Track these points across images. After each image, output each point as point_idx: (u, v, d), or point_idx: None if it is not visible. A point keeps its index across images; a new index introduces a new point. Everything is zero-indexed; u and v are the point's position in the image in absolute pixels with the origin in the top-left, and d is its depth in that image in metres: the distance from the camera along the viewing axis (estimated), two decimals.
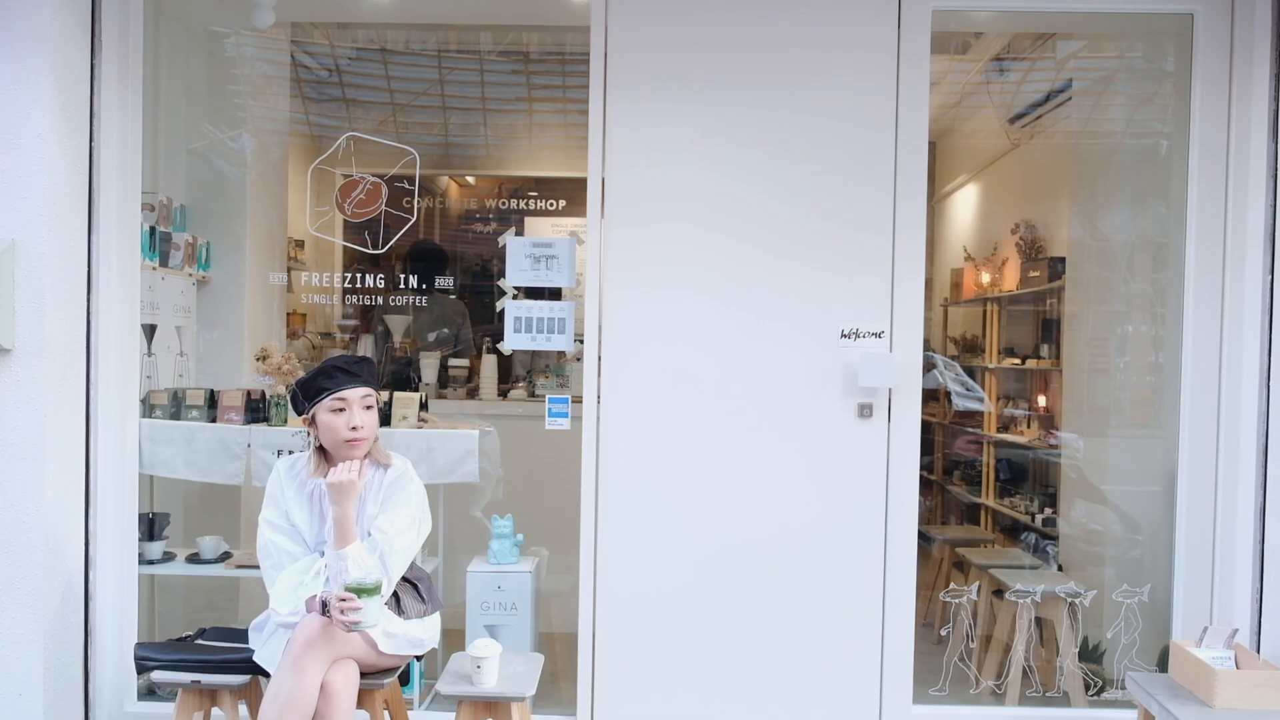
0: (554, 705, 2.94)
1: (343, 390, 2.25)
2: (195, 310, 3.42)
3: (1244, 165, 2.70)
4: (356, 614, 2.08)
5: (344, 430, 2.24)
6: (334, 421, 2.25)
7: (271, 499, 2.35)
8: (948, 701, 2.91)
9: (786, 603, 2.80)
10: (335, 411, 2.25)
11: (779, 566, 2.80)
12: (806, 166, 2.79)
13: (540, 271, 2.85)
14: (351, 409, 2.25)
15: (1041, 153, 3.95)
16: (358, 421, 2.25)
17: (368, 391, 2.29)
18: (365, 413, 2.28)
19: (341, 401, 2.25)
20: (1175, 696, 2.40)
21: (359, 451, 2.27)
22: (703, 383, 2.79)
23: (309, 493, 2.34)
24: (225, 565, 3.03)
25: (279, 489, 2.35)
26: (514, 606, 2.89)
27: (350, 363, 2.28)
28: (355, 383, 2.26)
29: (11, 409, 2.52)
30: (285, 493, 2.35)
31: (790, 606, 2.79)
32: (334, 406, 2.25)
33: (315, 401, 2.27)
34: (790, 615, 2.79)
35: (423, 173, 3.05)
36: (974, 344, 4.44)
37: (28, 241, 2.51)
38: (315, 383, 2.26)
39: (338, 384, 2.25)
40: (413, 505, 2.34)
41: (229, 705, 2.41)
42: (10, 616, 2.54)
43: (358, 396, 2.26)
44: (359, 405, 2.26)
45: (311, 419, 2.29)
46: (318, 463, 2.32)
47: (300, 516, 2.33)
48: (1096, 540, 3.23)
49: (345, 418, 2.24)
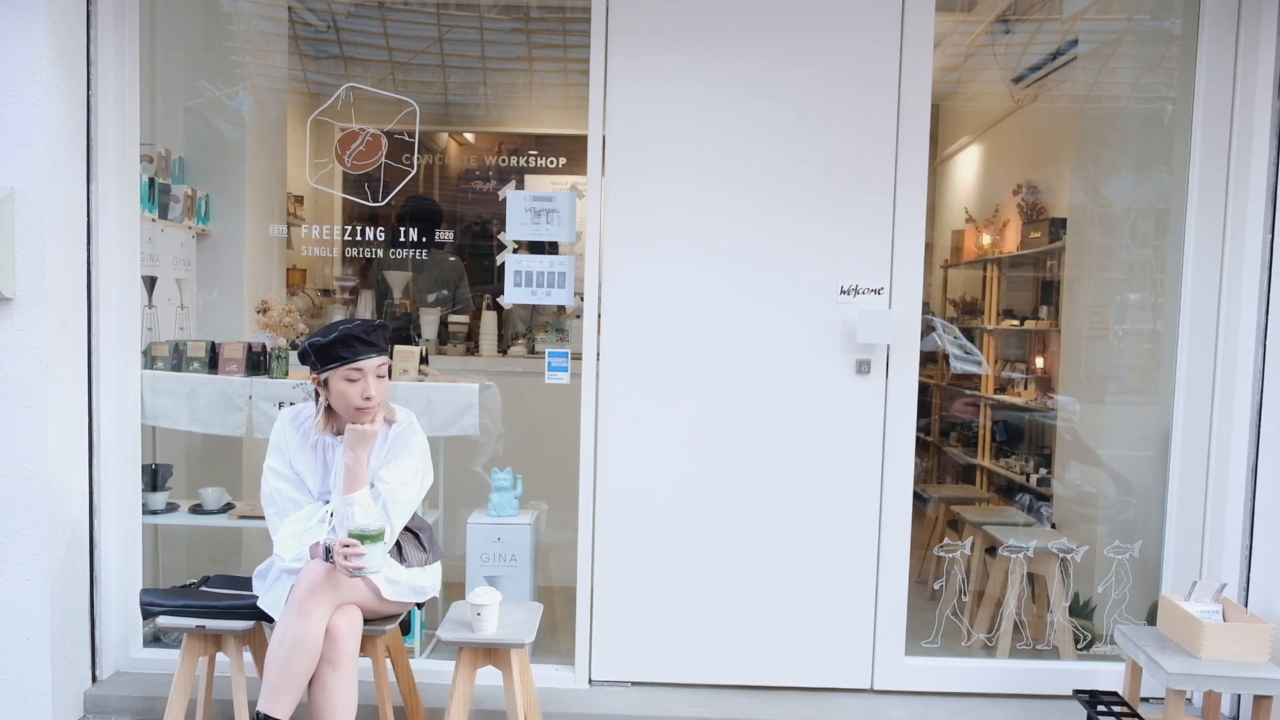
0: (552, 654, 2.99)
1: (359, 360, 2.23)
2: (195, 263, 3.42)
3: (1248, 129, 2.69)
4: (360, 559, 2.11)
5: (357, 399, 2.24)
6: (348, 390, 2.24)
7: (276, 448, 2.37)
8: (939, 654, 2.96)
9: (782, 556, 2.83)
10: (350, 381, 2.24)
11: (776, 520, 2.83)
12: (808, 123, 2.77)
13: (540, 225, 2.85)
14: (366, 379, 2.25)
15: (1045, 116, 3.92)
16: (372, 391, 2.25)
17: (383, 361, 2.29)
18: (378, 381, 2.27)
19: (358, 372, 2.24)
20: (1163, 648, 2.44)
21: (368, 418, 2.27)
22: (702, 338, 2.81)
23: (313, 444, 2.36)
24: (228, 516, 3.06)
25: (284, 439, 2.37)
26: (513, 558, 2.93)
27: (368, 331, 2.26)
28: (372, 352, 2.25)
29: (13, 358, 2.53)
30: (289, 442, 2.36)
31: (786, 560, 2.83)
32: (349, 376, 2.24)
33: (329, 368, 2.25)
34: (786, 568, 2.83)
35: (422, 129, 3.03)
36: (973, 306, 4.45)
37: (27, 190, 2.51)
38: (332, 349, 2.24)
39: (355, 354, 2.23)
40: (415, 457, 2.37)
41: (234, 650, 2.45)
42: (16, 563, 2.57)
43: (373, 366, 2.26)
44: (373, 375, 2.26)
45: (324, 381, 2.29)
46: (325, 421, 2.34)
47: (304, 466, 2.36)
48: (1090, 501, 3.26)
49: (359, 387, 2.24)
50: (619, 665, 2.88)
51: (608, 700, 2.78)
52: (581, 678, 2.87)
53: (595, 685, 2.88)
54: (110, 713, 2.76)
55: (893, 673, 2.86)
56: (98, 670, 2.82)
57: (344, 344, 2.23)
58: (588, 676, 2.87)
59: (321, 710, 2.13)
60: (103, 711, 2.76)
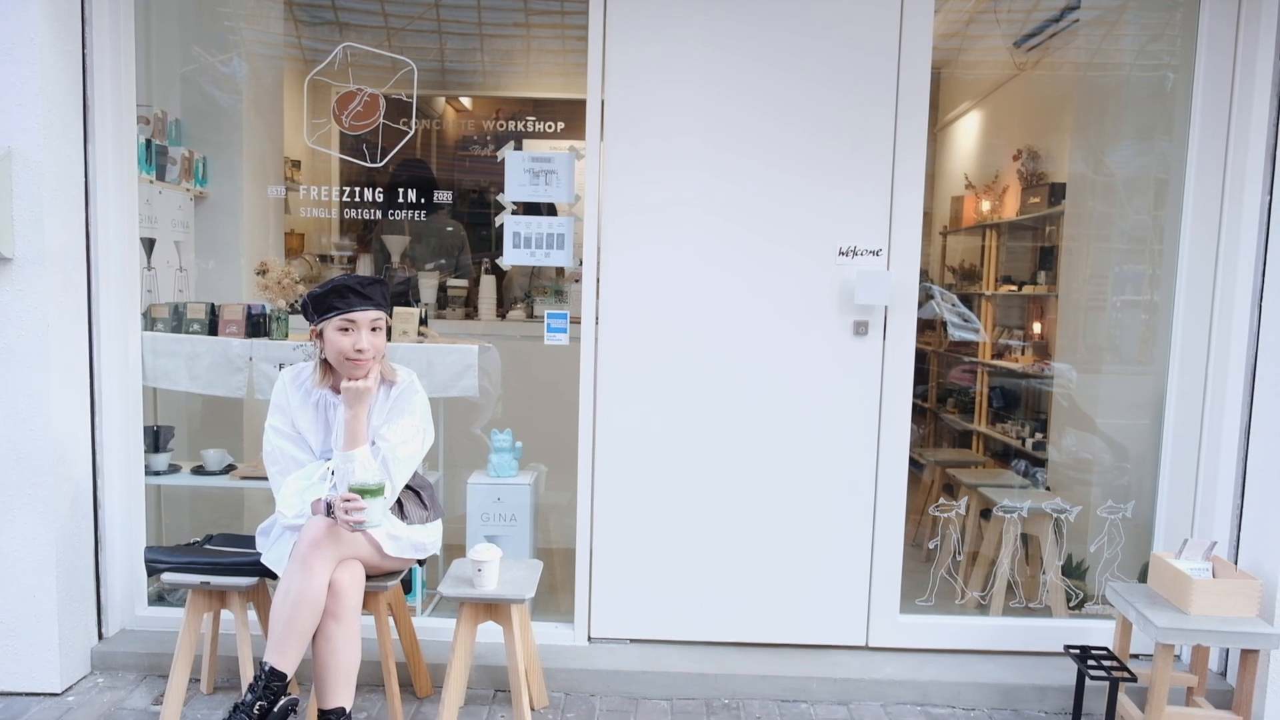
0: (552, 613, 3.03)
1: (352, 312, 2.25)
2: (194, 226, 3.42)
3: (1248, 94, 2.68)
4: (360, 514, 2.14)
5: (349, 350, 2.26)
6: (340, 340, 2.26)
7: (277, 407, 2.39)
8: (934, 612, 3.00)
9: (780, 516, 2.87)
10: (342, 331, 2.26)
11: (774, 481, 2.86)
12: (808, 85, 2.76)
13: (539, 187, 2.84)
14: (359, 331, 2.26)
15: (1047, 83, 3.90)
16: (363, 344, 2.26)
17: (377, 315, 2.29)
18: (372, 335, 2.28)
19: (350, 323, 2.26)
20: (1153, 604, 2.48)
21: (360, 371, 2.28)
22: (701, 300, 2.82)
23: (314, 402, 2.38)
24: (230, 477, 3.08)
25: (285, 398, 2.38)
26: (513, 518, 2.96)
27: (363, 284, 2.27)
28: (365, 305, 2.26)
29: (14, 318, 2.54)
30: (291, 401, 2.38)
31: (784, 519, 2.87)
32: (341, 326, 2.26)
33: (324, 318, 2.27)
34: (783, 528, 2.87)
35: (420, 94, 3.02)
36: (972, 272, 4.46)
37: (24, 150, 2.50)
38: (326, 299, 2.26)
39: (348, 305, 2.25)
40: (416, 416, 2.39)
41: (238, 607, 2.49)
42: (22, 522, 2.60)
43: (366, 319, 2.27)
44: (366, 328, 2.27)
45: (319, 332, 2.31)
46: (323, 374, 2.36)
47: (306, 424, 2.37)
48: (1085, 467, 3.29)
49: (351, 339, 2.26)
50: (618, 623, 2.92)
51: (607, 656, 2.83)
52: (581, 635, 2.91)
53: (595, 642, 2.92)
54: (117, 669, 2.80)
55: (888, 630, 2.90)
56: (104, 628, 2.86)
57: (338, 294, 2.25)
58: (587, 634, 2.91)
59: (326, 662, 2.17)
60: (110, 668, 2.80)
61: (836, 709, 2.70)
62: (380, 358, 2.35)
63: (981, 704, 2.72)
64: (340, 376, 2.32)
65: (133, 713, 2.58)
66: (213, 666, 2.70)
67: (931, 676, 2.75)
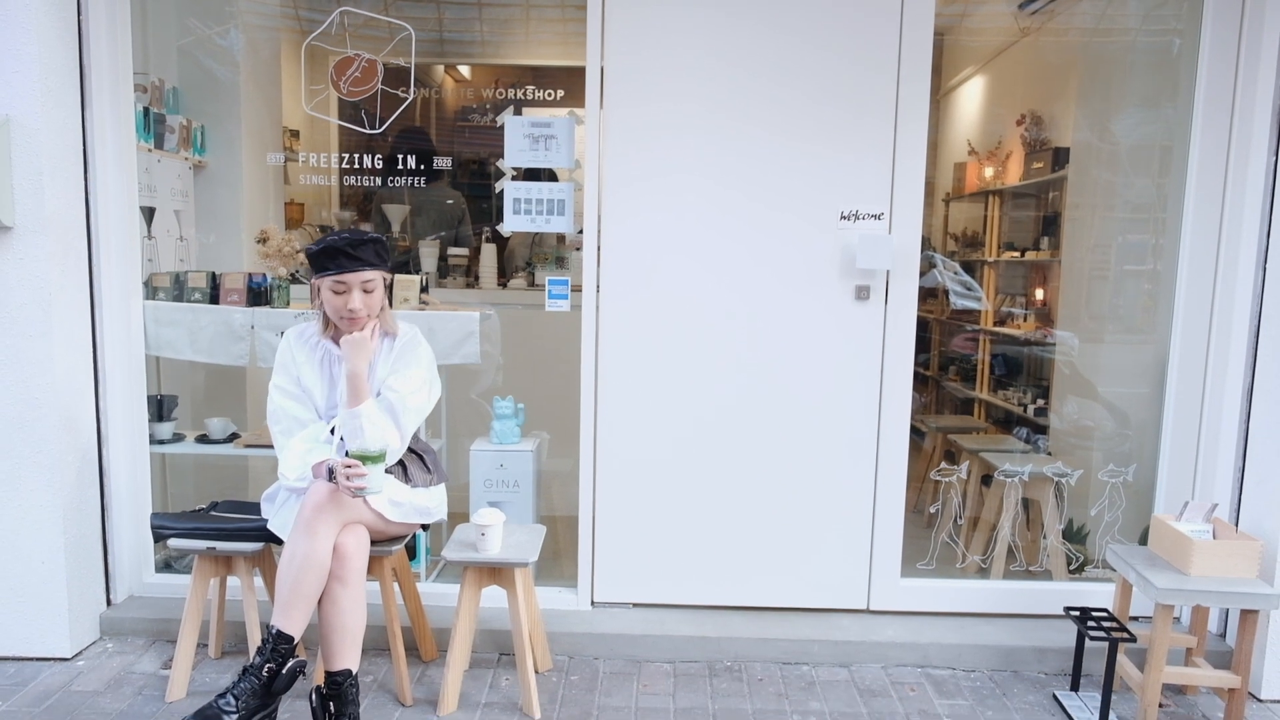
0: (555, 579, 3.06)
1: (343, 274, 2.26)
2: (193, 195, 3.41)
3: (1254, 58, 2.65)
4: (361, 480, 2.15)
5: (342, 310, 2.29)
6: (334, 300, 2.29)
7: (281, 365, 2.40)
8: (934, 575, 3.02)
9: (782, 481, 2.88)
10: (335, 292, 2.28)
11: (776, 446, 2.87)
12: (809, 49, 2.74)
13: (539, 152, 2.83)
14: (351, 292, 2.28)
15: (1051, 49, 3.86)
16: (355, 304, 2.28)
17: (369, 276, 2.29)
18: (365, 295, 2.29)
19: (342, 285, 2.28)
20: (1153, 566, 2.50)
21: (355, 328, 2.31)
22: (702, 266, 2.81)
23: (319, 358, 2.40)
24: (234, 445, 3.10)
25: (289, 356, 2.40)
26: (516, 484, 2.98)
27: (354, 245, 2.27)
28: (356, 266, 2.27)
29: (16, 287, 2.55)
30: (296, 358, 2.39)
31: (785, 485, 2.88)
32: (334, 288, 2.28)
33: (319, 276, 2.30)
34: (785, 493, 2.88)
35: (418, 62, 2.99)
36: (974, 239, 4.44)
37: (22, 117, 2.49)
38: (320, 259, 2.28)
39: (339, 267, 2.26)
40: (423, 367, 2.41)
41: (244, 572, 2.51)
42: (29, 489, 2.61)
43: (358, 280, 2.28)
44: (358, 288, 2.28)
45: (318, 288, 2.33)
46: (325, 324, 2.39)
47: (311, 379, 2.39)
48: (1086, 434, 3.30)
49: (344, 300, 2.28)
50: (621, 587, 2.94)
51: (610, 620, 2.85)
52: (584, 600, 2.93)
53: (598, 607, 2.95)
54: (126, 634, 2.84)
55: (888, 593, 2.92)
56: (112, 595, 2.89)
57: (329, 255, 2.26)
58: (590, 598, 2.94)
59: (332, 625, 2.19)
60: (118, 633, 2.84)
61: (838, 671, 2.73)
62: (381, 312, 2.36)
63: (981, 665, 2.75)
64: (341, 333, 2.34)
65: (142, 676, 2.61)
66: (220, 631, 2.73)
67: (932, 639, 2.77)
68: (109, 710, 2.43)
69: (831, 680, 2.67)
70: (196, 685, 2.54)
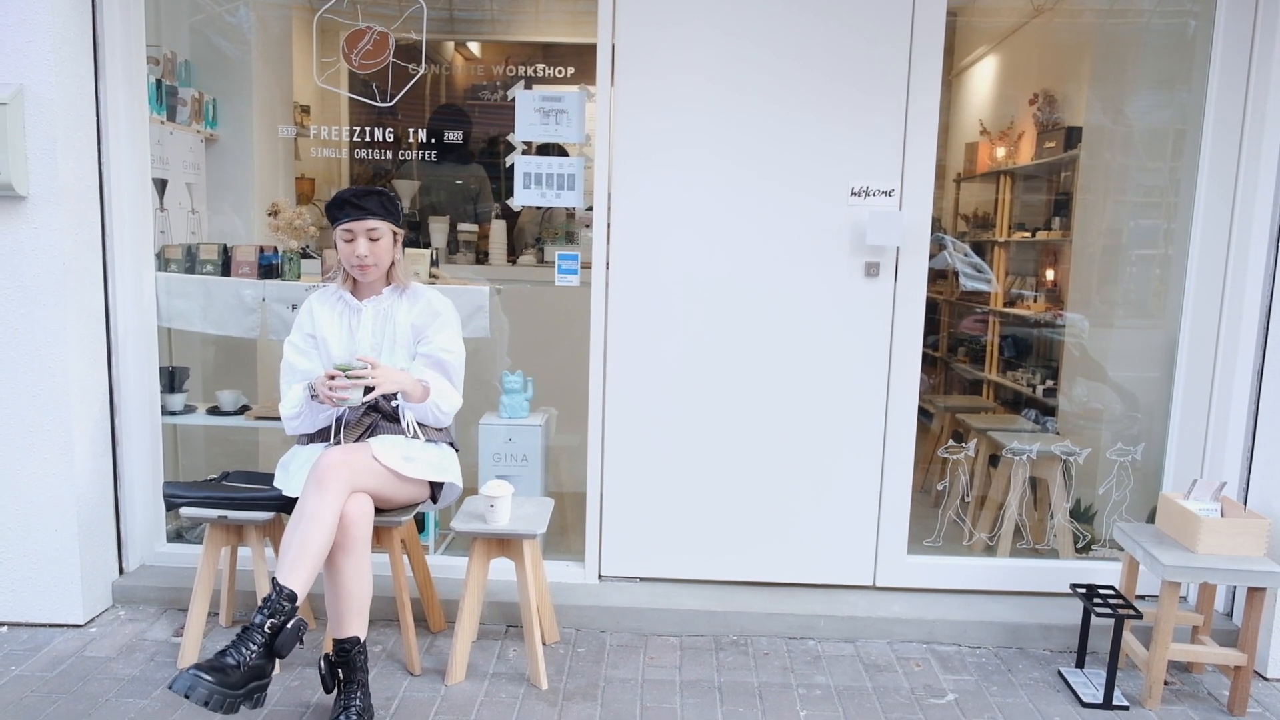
0: (563, 553, 3.08)
1: (349, 222, 2.40)
2: (205, 168, 3.42)
3: (1269, 41, 2.63)
4: (344, 391, 2.25)
5: (351, 257, 2.43)
6: (344, 248, 2.45)
7: (298, 324, 2.53)
8: (941, 553, 3.03)
9: (789, 457, 2.89)
10: (345, 240, 2.44)
11: (784, 422, 2.87)
12: (820, 23, 2.72)
13: (550, 126, 2.83)
14: (357, 240, 2.41)
15: (1065, 29, 3.83)
16: (362, 251, 2.41)
17: (373, 225, 2.41)
18: (372, 244, 2.42)
19: (349, 233, 2.42)
20: (1160, 543, 2.50)
21: (368, 276, 2.46)
22: (711, 241, 2.81)
23: (339, 312, 2.52)
24: (245, 417, 3.12)
25: (308, 314, 2.53)
26: (525, 458, 2.99)
27: (359, 195, 2.41)
28: (360, 215, 2.40)
29: (31, 256, 2.56)
30: (316, 315, 2.51)
31: (793, 460, 2.89)
32: (343, 235, 2.43)
33: (334, 225, 2.45)
34: (792, 469, 2.89)
35: (429, 38, 2.99)
36: (985, 220, 4.42)
37: (36, 88, 2.50)
38: (331, 209, 2.44)
39: (345, 215, 2.41)
40: (459, 324, 2.58)
41: (255, 541, 2.53)
42: (42, 458, 2.64)
43: (363, 228, 2.41)
44: (364, 236, 2.42)
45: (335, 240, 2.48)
46: (344, 276, 2.52)
47: (330, 329, 2.50)
48: (1095, 416, 3.29)
49: (352, 247, 2.42)
50: (628, 562, 2.96)
51: (617, 594, 2.87)
52: (591, 573, 2.95)
53: (605, 580, 2.96)
54: (138, 602, 2.87)
55: (895, 570, 2.93)
56: (124, 563, 2.92)
57: (338, 205, 2.43)
58: (598, 572, 2.96)
59: (339, 593, 2.20)
60: (131, 601, 2.87)
61: (844, 646, 2.74)
62: (392, 266, 2.50)
63: (987, 642, 2.76)
64: (359, 283, 2.50)
65: (154, 643, 2.64)
66: (231, 600, 2.76)
67: (938, 615, 2.78)
68: (122, 675, 2.46)
69: (837, 655, 2.68)
70: (208, 653, 2.56)
